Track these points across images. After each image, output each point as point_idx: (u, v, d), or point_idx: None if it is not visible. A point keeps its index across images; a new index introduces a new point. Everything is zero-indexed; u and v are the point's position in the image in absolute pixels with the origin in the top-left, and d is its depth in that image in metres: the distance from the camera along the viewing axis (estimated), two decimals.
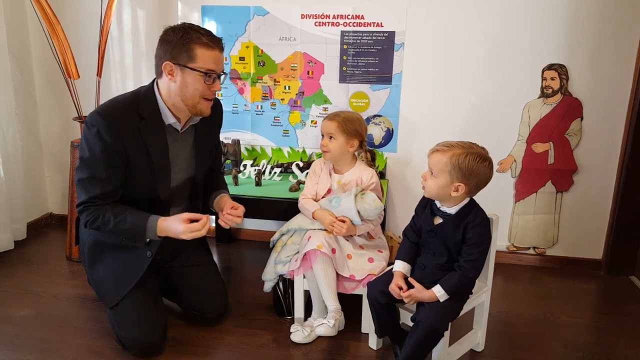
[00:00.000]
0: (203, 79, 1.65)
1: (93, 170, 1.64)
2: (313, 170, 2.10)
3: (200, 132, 1.87)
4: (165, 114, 1.73)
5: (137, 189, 1.75)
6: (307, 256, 1.86)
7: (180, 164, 1.84)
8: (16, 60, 2.69)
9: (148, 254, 1.78)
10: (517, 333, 1.99)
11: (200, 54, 1.63)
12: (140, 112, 1.68)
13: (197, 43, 1.62)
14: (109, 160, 1.64)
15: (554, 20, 2.29)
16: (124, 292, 1.77)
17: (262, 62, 2.58)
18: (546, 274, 2.52)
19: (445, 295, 1.54)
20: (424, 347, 1.57)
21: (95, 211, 1.67)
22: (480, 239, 1.55)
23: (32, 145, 2.88)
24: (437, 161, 1.53)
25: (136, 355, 1.78)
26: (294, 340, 1.89)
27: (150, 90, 1.72)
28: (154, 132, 1.71)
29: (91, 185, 1.66)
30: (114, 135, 1.62)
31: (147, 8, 2.62)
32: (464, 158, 1.50)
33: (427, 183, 1.58)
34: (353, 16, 2.44)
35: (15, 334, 1.92)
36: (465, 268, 1.54)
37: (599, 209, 2.49)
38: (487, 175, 1.54)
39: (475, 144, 1.58)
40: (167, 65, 1.65)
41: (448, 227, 1.58)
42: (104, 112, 1.64)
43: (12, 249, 2.62)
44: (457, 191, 1.53)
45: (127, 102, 1.69)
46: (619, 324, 2.07)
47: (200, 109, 1.72)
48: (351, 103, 2.56)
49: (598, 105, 2.36)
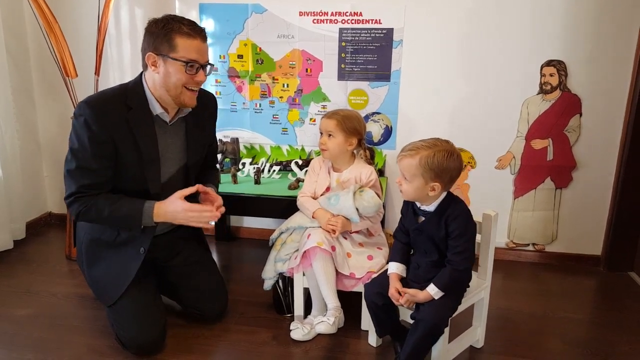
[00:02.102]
0: (184, 69, 1.64)
1: (82, 160, 1.63)
2: (312, 168, 2.10)
3: (190, 125, 1.85)
4: (153, 104, 1.72)
5: (127, 181, 1.73)
6: (307, 254, 1.85)
7: (171, 156, 1.82)
8: (14, 60, 2.68)
9: (141, 251, 1.78)
10: (517, 329, 2.00)
11: (181, 44, 1.62)
12: (128, 103, 1.68)
13: (178, 32, 1.62)
14: (98, 150, 1.63)
15: (553, 16, 2.28)
16: (121, 290, 1.77)
17: (261, 59, 2.58)
18: (545, 270, 2.53)
19: (440, 293, 1.55)
20: (424, 344, 1.57)
21: (88, 201, 1.65)
22: (463, 230, 1.55)
23: (31, 145, 2.88)
24: (408, 166, 1.55)
25: (135, 354, 1.78)
26: (293, 337, 1.89)
27: (139, 82, 1.73)
28: (142, 122, 1.70)
29: (81, 175, 1.65)
30: (102, 125, 1.62)
31: (145, 6, 2.62)
32: (432, 158, 1.51)
33: (403, 188, 1.59)
34: (351, 13, 2.44)
35: (15, 333, 1.92)
36: (454, 261, 1.56)
37: (598, 205, 2.49)
38: (458, 168, 1.56)
39: (439, 138, 1.58)
40: (150, 56, 1.65)
41: (431, 223, 1.59)
42: (92, 102, 1.64)
43: (11, 248, 2.62)
44: (434, 190, 1.55)
45: (115, 93, 1.70)
46: (618, 319, 2.08)
47: (184, 100, 1.71)
48: (350, 100, 2.56)
49: (597, 101, 2.36)
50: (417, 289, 1.58)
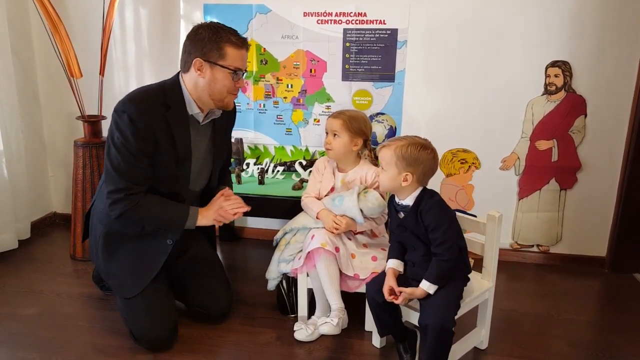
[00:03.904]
0: (231, 76, 1.73)
1: (128, 156, 1.67)
2: (317, 169, 2.10)
3: (218, 127, 1.91)
4: (190, 104, 1.77)
5: (159, 177, 1.77)
6: (311, 254, 1.86)
7: (199, 155, 1.86)
8: (19, 60, 2.69)
9: (168, 242, 1.82)
10: (521, 331, 1.99)
11: (231, 53, 1.70)
12: (167, 102, 1.72)
13: (228, 42, 1.70)
14: (142, 146, 1.67)
15: (558, 16, 2.28)
16: (146, 282, 1.80)
17: (265, 60, 2.58)
18: (550, 271, 2.52)
19: (433, 286, 1.57)
20: (440, 348, 1.56)
21: (135, 199, 1.69)
22: (438, 221, 1.57)
23: (36, 145, 2.89)
24: (384, 155, 1.64)
25: (147, 349, 1.81)
26: (297, 338, 1.89)
27: (176, 82, 1.77)
28: (179, 121, 1.75)
29: (129, 171, 1.68)
30: (146, 121, 1.66)
31: (150, 7, 2.62)
32: (406, 148, 1.60)
33: (380, 178, 1.67)
34: (355, 14, 2.44)
35: (20, 332, 1.93)
36: (438, 253, 1.58)
37: (602, 207, 2.48)
38: (431, 162, 1.62)
39: (418, 136, 1.67)
40: (197, 62, 1.70)
41: (410, 220, 1.62)
42: (134, 99, 1.69)
43: (16, 248, 2.62)
44: (407, 180, 1.60)
45: (154, 91, 1.75)
46: (622, 321, 2.07)
47: (227, 103, 1.81)
48: (354, 101, 2.55)
49: (602, 102, 2.35)
50: (414, 287, 1.59)
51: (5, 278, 2.35)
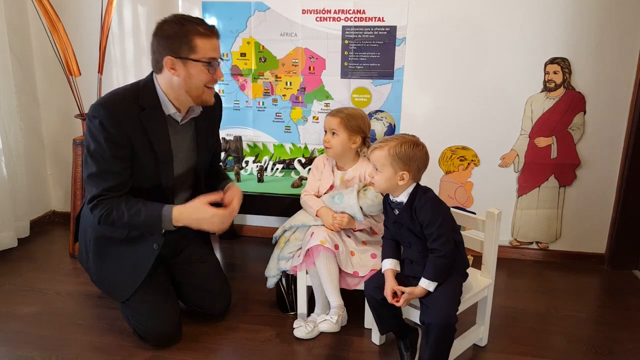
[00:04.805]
0: (207, 69, 1.67)
1: (101, 162, 1.64)
2: (316, 166, 2.09)
3: (200, 125, 1.87)
4: (166, 104, 1.73)
5: (141, 180, 1.74)
6: (310, 252, 1.85)
7: (181, 155, 1.83)
8: (17, 58, 2.69)
9: (155, 247, 1.79)
10: (520, 328, 2.00)
11: (201, 44, 1.63)
12: (141, 103, 1.68)
13: (196, 33, 1.62)
14: (116, 152, 1.64)
15: (557, 13, 2.27)
16: (135, 286, 1.79)
17: (264, 58, 2.57)
18: (549, 268, 2.52)
19: (432, 283, 1.57)
20: (442, 345, 1.57)
21: (109, 204, 1.66)
22: (431, 217, 1.58)
23: (35, 143, 2.88)
24: (378, 157, 1.63)
25: (155, 346, 1.81)
26: (297, 335, 1.89)
27: (150, 82, 1.72)
28: (155, 122, 1.71)
29: (102, 178, 1.65)
30: (118, 125, 1.62)
31: (148, 5, 2.62)
32: (400, 148, 1.60)
33: (375, 179, 1.67)
34: (354, 11, 2.43)
35: (19, 331, 1.93)
36: (435, 249, 1.58)
37: (602, 203, 2.48)
38: (424, 158, 1.65)
39: (406, 134, 1.68)
40: (168, 60, 1.64)
41: (405, 216, 1.63)
42: (105, 103, 1.65)
43: (15, 246, 2.62)
44: (403, 179, 1.61)
45: (127, 93, 1.70)
46: (622, 318, 2.07)
47: (205, 99, 1.74)
48: (353, 99, 2.55)
49: (601, 99, 2.35)
50: (413, 286, 1.59)
51: (4, 276, 2.35)
